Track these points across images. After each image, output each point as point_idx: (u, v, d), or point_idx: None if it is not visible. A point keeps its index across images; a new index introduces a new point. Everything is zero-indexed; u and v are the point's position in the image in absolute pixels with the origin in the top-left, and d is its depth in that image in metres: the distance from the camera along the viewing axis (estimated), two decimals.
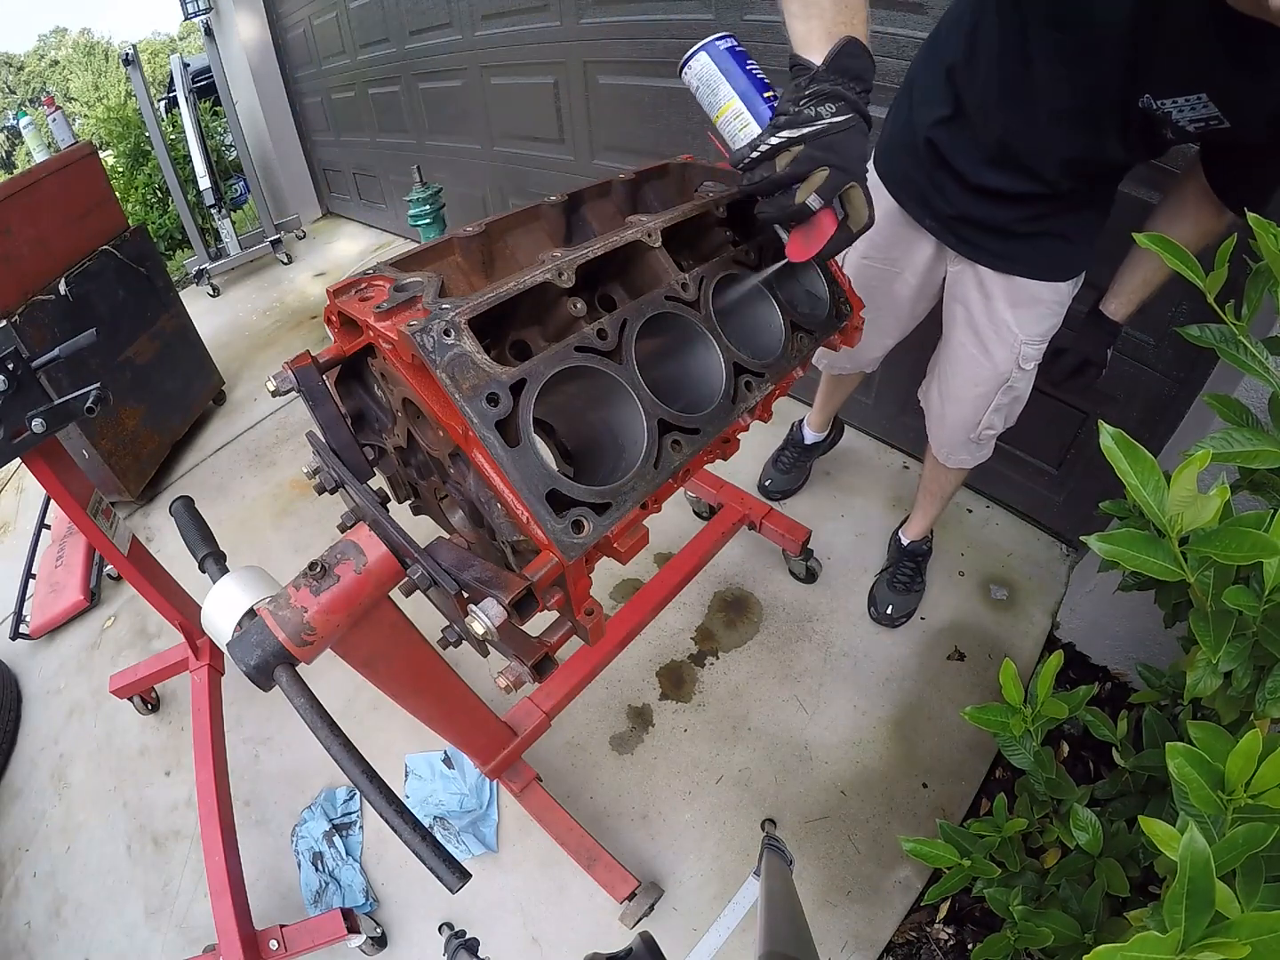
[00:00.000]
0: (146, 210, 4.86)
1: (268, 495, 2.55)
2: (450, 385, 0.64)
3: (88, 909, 1.59)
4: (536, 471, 0.66)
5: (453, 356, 0.65)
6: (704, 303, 0.84)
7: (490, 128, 3.18)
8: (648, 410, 0.73)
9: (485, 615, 0.65)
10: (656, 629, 1.86)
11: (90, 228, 2.38)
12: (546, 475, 0.66)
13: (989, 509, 2.06)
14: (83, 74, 21.03)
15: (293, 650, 0.71)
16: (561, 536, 0.65)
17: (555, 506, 0.66)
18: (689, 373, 0.85)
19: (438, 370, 0.64)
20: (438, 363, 0.65)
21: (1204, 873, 0.45)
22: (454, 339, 0.66)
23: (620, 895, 1.32)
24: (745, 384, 0.83)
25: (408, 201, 3.01)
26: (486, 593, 0.67)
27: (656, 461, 0.73)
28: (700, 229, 0.98)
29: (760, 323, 0.94)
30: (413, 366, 0.68)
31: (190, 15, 4.12)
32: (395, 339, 0.67)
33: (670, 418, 0.75)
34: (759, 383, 0.84)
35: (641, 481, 0.71)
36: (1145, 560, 0.60)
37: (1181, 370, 1.47)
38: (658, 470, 0.72)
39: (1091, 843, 0.87)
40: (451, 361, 0.65)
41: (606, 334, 0.75)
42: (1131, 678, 1.59)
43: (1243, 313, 0.71)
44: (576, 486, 0.67)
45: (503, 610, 0.66)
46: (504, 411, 0.66)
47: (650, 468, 0.72)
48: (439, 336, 0.65)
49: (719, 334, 0.83)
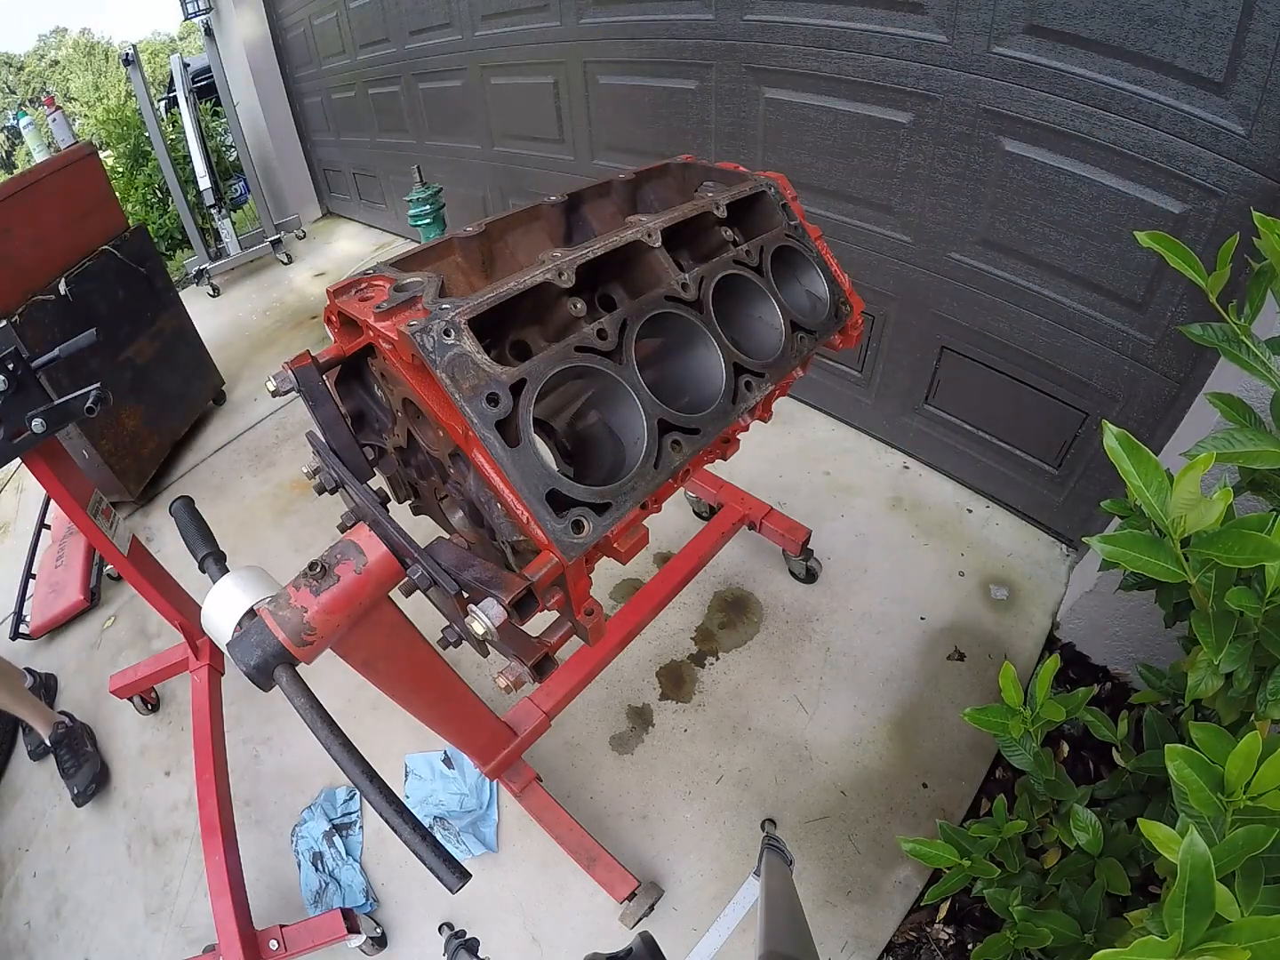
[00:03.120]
0: (146, 210, 4.86)
1: (268, 495, 2.55)
2: (450, 385, 0.64)
3: (88, 909, 1.59)
4: (536, 471, 0.66)
5: (453, 357, 0.65)
6: (705, 303, 0.84)
7: (490, 128, 3.17)
8: (648, 410, 0.73)
9: (485, 615, 0.65)
10: (656, 629, 1.86)
11: (90, 228, 2.38)
12: (546, 475, 0.66)
13: (989, 509, 2.06)
14: (83, 74, 21.02)
15: (293, 650, 0.71)
16: (562, 537, 0.65)
17: (555, 507, 0.66)
18: (690, 373, 0.85)
19: (438, 370, 0.64)
20: (438, 363, 0.65)
21: (1204, 877, 0.45)
22: (454, 339, 0.66)
23: (620, 895, 1.32)
24: (745, 384, 0.83)
25: (408, 201, 3.01)
26: (487, 592, 0.67)
27: (657, 461, 0.73)
28: (700, 229, 0.98)
29: (761, 323, 0.94)
30: (413, 366, 0.68)
31: (190, 15, 4.12)
32: (395, 339, 0.67)
33: (670, 418, 0.75)
34: (759, 383, 0.84)
35: (642, 481, 0.71)
36: (1147, 561, 0.60)
37: (1181, 370, 1.47)
38: (658, 470, 0.72)
39: (1091, 843, 0.87)
40: (451, 361, 0.65)
41: (606, 334, 0.75)
42: (1132, 678, 1.59)
43: (1245, 312, 0.71)
44: (577, 487, 0.67)
45: (503, 610, 0.66)
46: (504, 412, 0.66)
47: (650, 467, 0.72)
48: (439, 337, 0.65)
49: (719, 334, 0.83)
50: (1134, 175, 1.38)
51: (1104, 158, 1.40)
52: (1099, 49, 1.32)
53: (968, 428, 2.02)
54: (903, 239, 1.86)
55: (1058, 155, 1.47)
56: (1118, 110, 1.34)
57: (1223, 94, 1.20)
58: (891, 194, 1.82)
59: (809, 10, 1.73)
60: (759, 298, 0.94)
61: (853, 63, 1.70)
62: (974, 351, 1.87)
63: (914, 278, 1.89)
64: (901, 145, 1.72)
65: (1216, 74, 1.20)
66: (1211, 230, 1.31)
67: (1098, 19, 1.29)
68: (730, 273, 0.90)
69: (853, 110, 1.77)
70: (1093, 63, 1.34)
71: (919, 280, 1.88)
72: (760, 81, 1.94)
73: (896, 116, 1.69)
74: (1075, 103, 1.39)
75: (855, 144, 1.81)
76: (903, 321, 2.00)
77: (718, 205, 0.96)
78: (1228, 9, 1.14)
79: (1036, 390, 1.79)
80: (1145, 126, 1.32)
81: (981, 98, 1.52)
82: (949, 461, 2.14)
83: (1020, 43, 1.42)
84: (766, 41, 1.85)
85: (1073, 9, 1.31)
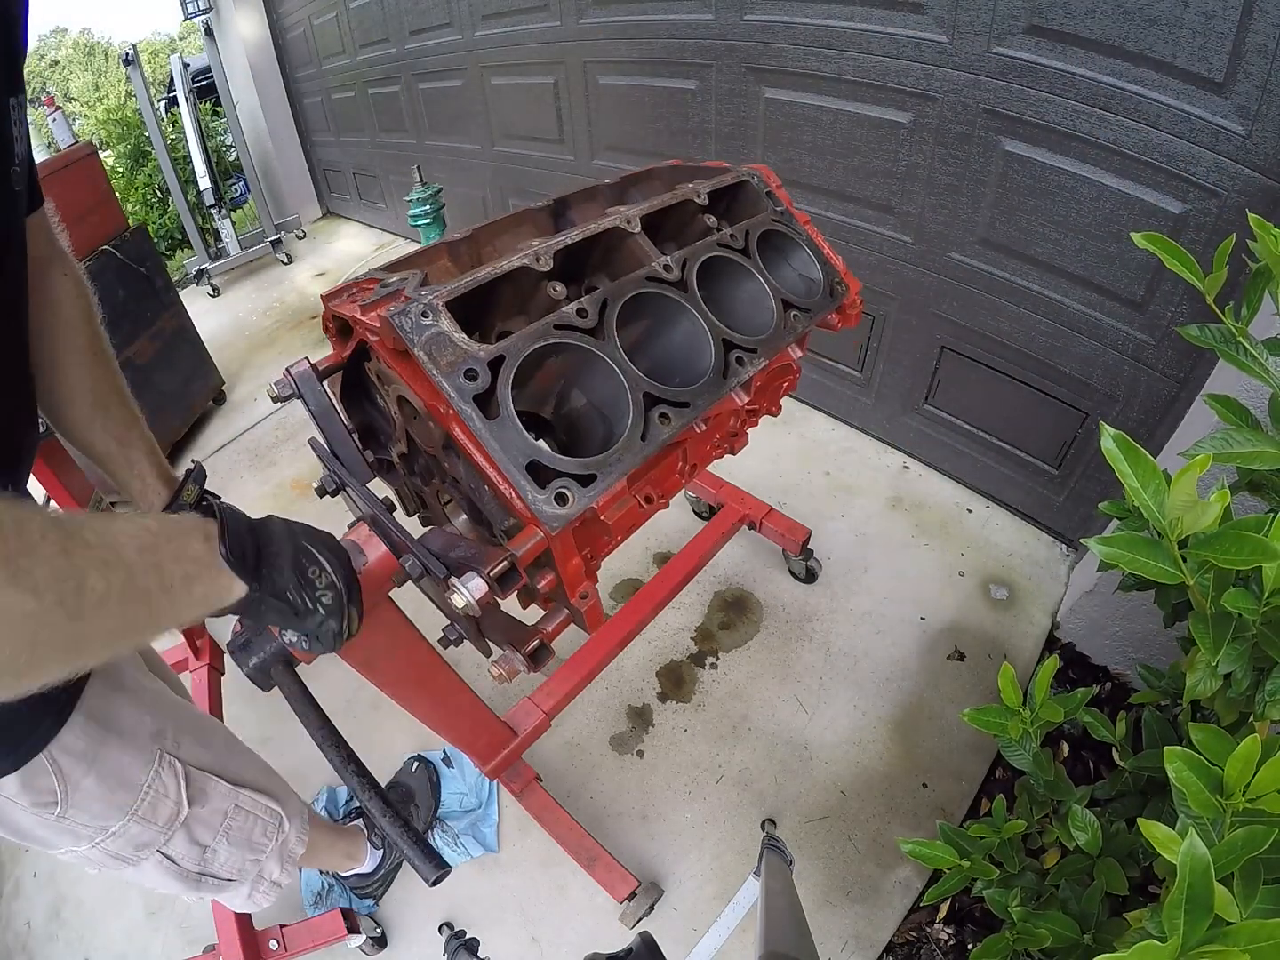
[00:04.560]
0: (146, 210, 4.87)
1: (268, 495, 2.55)
2: (428, 362, 0.66)
3: (88, 909, 1.59)
4: (516, 443, 0.66)
5: (430, 335, 0.67)
6: (689, 282, 0.84)
7: (490, 128, 3.17)
8: (632, 384, 0.73)
9: (465, 588, 0.64)
10: (656, 629, 1.86)
11: (90, 228, 2.38)
12: (527, 447, 0.66)
13: (989, 509, 2.06)
14: (83, 74, 21.03)
15: (293, 651, 0.72)
16: (543, 508, 0.65)
17: (539, 480, 0.66)
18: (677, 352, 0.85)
19: (416, 349, 0.66)
20: (416, 341, 0.66)
21: (1203, 879, 0.45)
22: (431, 320, 0.68)
23: (620, 895, 1.32)
24: (737, 359, 0.83)
25: (408, 201, 3.01)
26: (470, 567, 0.67)
27: (644, 434, 0.72)
28: (683, 219, 0.98)
29: (750, 303, 0.93)
30: (396, 353, 0.69)
31: (190, 15, 4.12)
32: (378, 325, 0.68)
33: (657, 391, 0.75)
34: (751, 358, 0.84)
35: (628, 454, 0.71)
36: (1144, 563, 0.60)
37: (1182, 370, 1.47)
38: (645, 443, 0.72)
39: (1091, 843, 0.87)
40: (429, 340, 0.67)
41: (587, 312, 0.75)
42: (1131, 678, 1.59)
43: (1242, 313, 0.71)
44: (558, 458, 0.67)
45: (483, 583, 0.65)
46: (482, 386, 0.66)
47: (637, 439, 0.72)
48: (416, 318, 0.67)
49: (705, 311, 0.83)
50: (1134, 175, 1.38)
51: (1104, 158, 1.40)
52: (1099, 49, 1.32)
53: (968, 428, 2.02)
54: (903, 239, 1.86)
55: (1058, 155, 1.47)
56: (1118, 110, 1.34)
57: (1223, 94, 1.20)
58: (891, 194, 1.82)
59: (809, 10, 1.73)
60: (746, 278, 0.93)
61: (853, 63, 1.70)
62: (974, 351, 1.88)
63: (914, 278, 1.89)
64: (901, 145, 1.72)
65: (1216, 74, 1.19)
66: (1211, 230, 1.31)
67: (1098, 19, 1.29)
68: (715, 255, 0.89)
69: (853, 110, 1.77)
70: (1093, 63, 1.34)
71: (919, 280, 1.88)
72: (760, 81, 1.93)
73: (896, 116, 1.69)
74: (1075, 103, 1.39)
75: (855, 144, 1.81)
76: (903, 321, 2.00)
77: (698, 194, 0.97)
78: (1228, 9, 1.14)
79: (1036, 390, 1.79)
80: (1145, 126, 1.32)
81: (981, 98, 1.52)
82: (949, 461, 2.14)
83: (1020, 43, 1.42)
84: (766, 41, 1.85)
85: (1073, 9, 1.31)
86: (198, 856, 0.92)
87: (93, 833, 0.80)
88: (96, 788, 0.78)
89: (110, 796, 0.79)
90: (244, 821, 0.97)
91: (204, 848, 0.93)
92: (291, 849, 1.07)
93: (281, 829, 1.04)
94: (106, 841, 0.81)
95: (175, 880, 0.92)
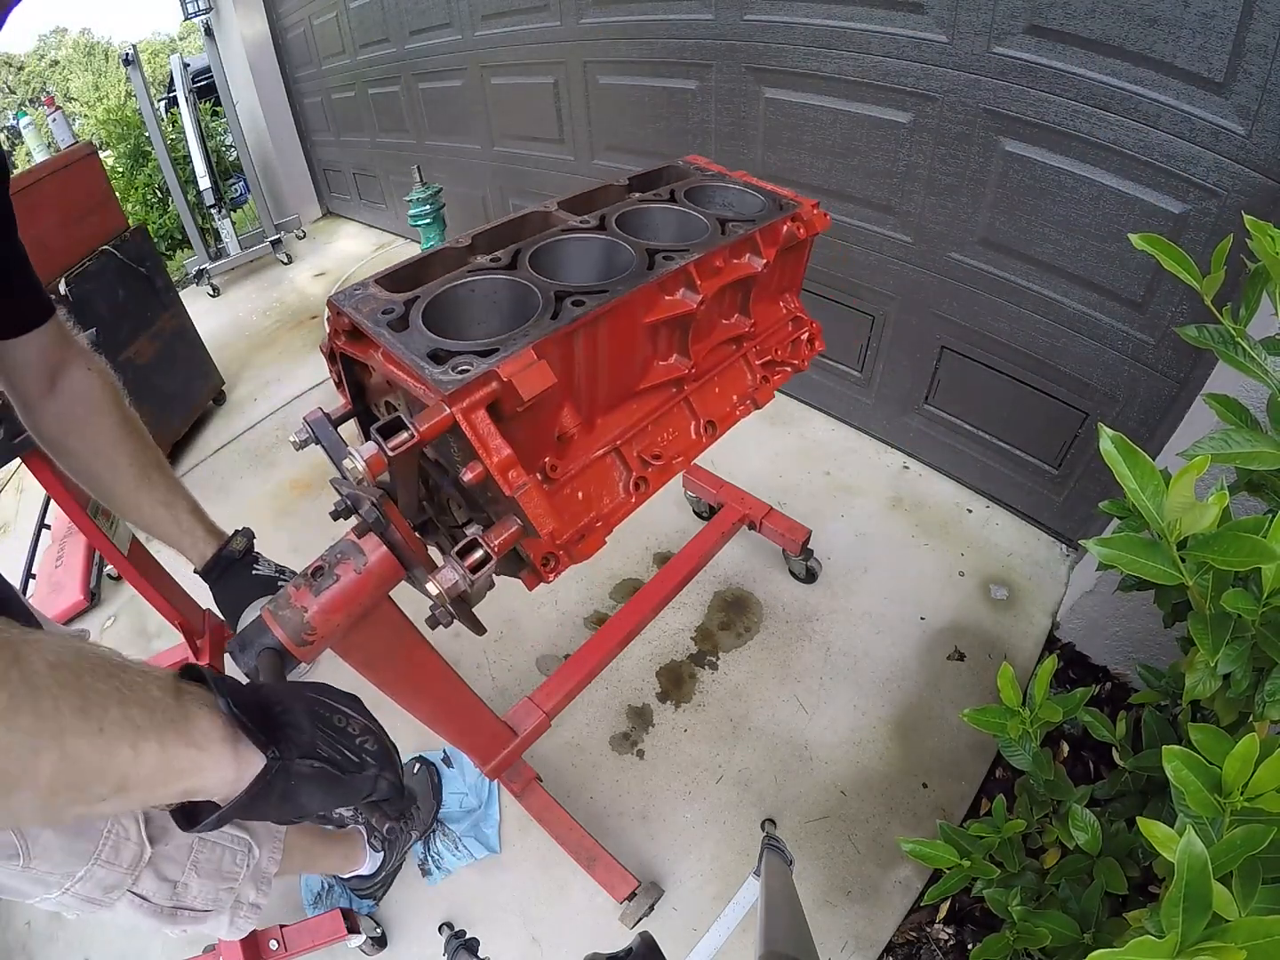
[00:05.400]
0: (146, 210, 4.86)
1: (268, 495, 2.55)
2: (357, 314, 0.76)
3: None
4: (420, 341, 0.72)
5: (359, 298, 0.79)
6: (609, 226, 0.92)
7: (490, 128, 3.17)
8: (543, 290, 0.79)
9: (357, 453, 0.64)
10: (656, 629, 1.86)
11: (90, 228, 2.38)
12: (430, 341, 0.72)
13: (989, 509, 2.06)
14: (83, 74, 21.00)
15: (293, 650, 0.72)
16: (440, 377, 0.67)
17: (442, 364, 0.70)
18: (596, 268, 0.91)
19: (347, 307, 0.77)
20: (345, 304, 0.77)
21: (1201, 877, 0.45)
22: (363, 292, 0.80)
23: (620, 895, 1.32)
24: (664, 257, 0.86)
25: (408, 201, 3.00)
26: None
27: (555, 314, 0.76)
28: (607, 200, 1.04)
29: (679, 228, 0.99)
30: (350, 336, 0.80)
31: (190, 15, 4.12)
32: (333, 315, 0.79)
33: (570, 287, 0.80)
34: (681, 255, 0.87)
35: (535, 329, 0.74)
36: (1143, 564, 0.60)
37: (1181, 370, 1.47)
38: (556, 320, 0.75)
39: (1091, 843, 0.87)
40: (358, 302, 0.78)
41: (500, 259, 0.84)
42: (1131, 678, 1.59)
43: (1240, 314, 0.71)
44: (459, 343, 0.72)
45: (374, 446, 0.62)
46: (396, 316, 0.76)
47: (547, 319, 0.75)
48: (351, 293, 0.80)
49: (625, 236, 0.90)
50: (1134, 175, 1.38)
51: (1104, 158, 1.40)
52: (1099, 49, 1.32)
53: (968, 427, 2.02)
54: (903, 239, 1.86)
55: (1058, 155, 1.47)
56: (1118, 110, 1.34)
57: (1223, 94, 1.20)
58: (891, 194, 1.82)
59: (809, 10, 1.73)
60: (674, 215, 0.99)
61: (853, 63, 1.70)
62: (974, 351, 1.88)
63: (914, 277, 1.89)
64: (901, 145, 1.72)
65: (1216, 74, 1.20)
66: (1211, 230, 1.31)
67: (1098, 19, 1.29)
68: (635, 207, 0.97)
69: (853, 110, 1.77)
70: (1093, 63, 1.34)
71: (919, 280, 1.88)
72: (760, 81, 1.94)
73: (896, 116, 1.70)
74: (1075, 103, 1.39)
75: (855, 144, 1.81)
76: (902, 321, 2.00)
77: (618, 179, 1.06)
78: (1228, 9, 1.14)
79: (1036, 390, 1.79)
80: (1145, 126, 1.32)
81: (981, 97, 1.52)
82: (949, 461, 2.14)
83: (1020, 43, 1.42)
84: (766, 41, 1.85)
85: (1073, 9, 1.31)
86: (169, 892, 0.92)
87: (60, 878, 0.80)
88: (56, 839, 0.78)
89: (71, 845, 0.80)
90: (210, 853, 0.97)
91: (174, 883, 0.92)
92: (264, 870, 1.07)
93: (251, 854, 1.03)
94: (75, 886, 0.82)
95: (150, 918, 0.92)
